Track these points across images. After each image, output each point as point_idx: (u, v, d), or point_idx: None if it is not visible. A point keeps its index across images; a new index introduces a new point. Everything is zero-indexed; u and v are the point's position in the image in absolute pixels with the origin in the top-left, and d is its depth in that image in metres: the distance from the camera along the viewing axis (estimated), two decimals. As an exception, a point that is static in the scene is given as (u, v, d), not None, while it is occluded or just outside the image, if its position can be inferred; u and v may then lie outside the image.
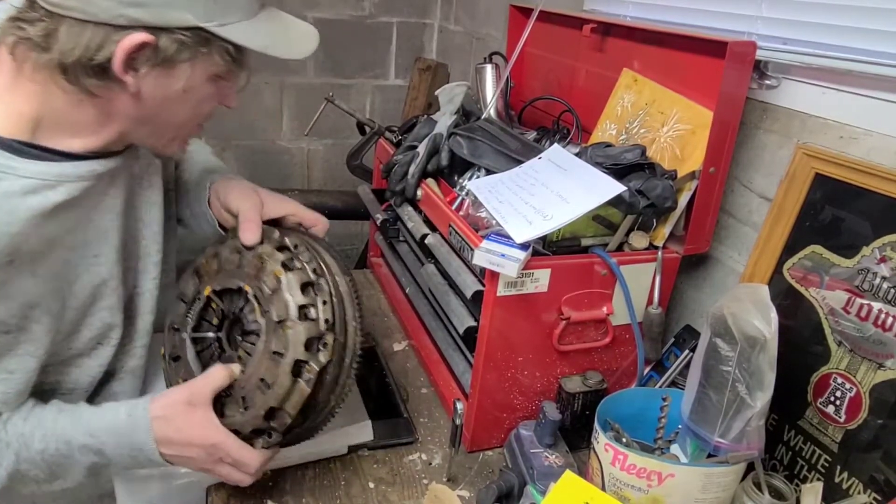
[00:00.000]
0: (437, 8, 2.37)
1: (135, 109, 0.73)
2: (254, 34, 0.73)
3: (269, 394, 0.79)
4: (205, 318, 0.89)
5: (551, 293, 0.95)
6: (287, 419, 0.79)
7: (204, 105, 0.80)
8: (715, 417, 0.82)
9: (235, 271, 0.86)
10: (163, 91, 0.72)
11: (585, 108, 1.28)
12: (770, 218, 0.97)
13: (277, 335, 0.80)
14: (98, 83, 0.68)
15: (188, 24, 0.68)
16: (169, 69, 0.70)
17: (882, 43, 0.86)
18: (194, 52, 0.70)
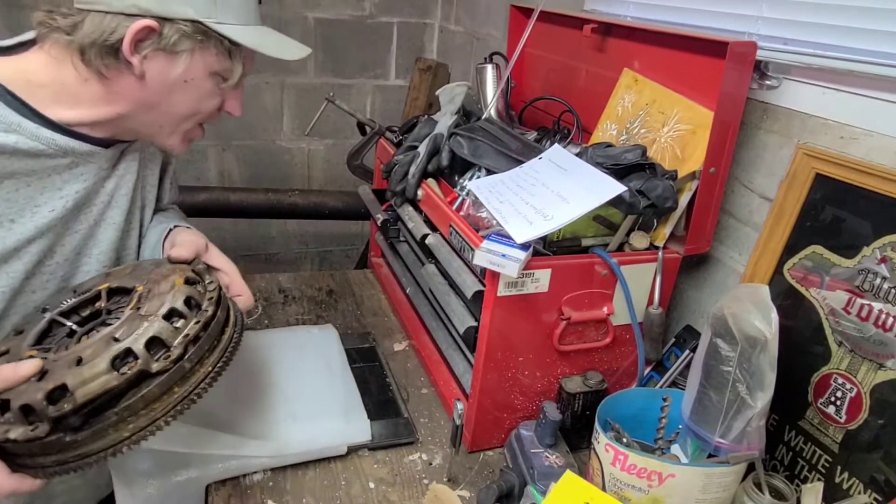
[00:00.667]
0: (437, 8, 2.37)
1: (139, 92, 0.81)
2: (247, 34, 0.83)
3: (73, 371, 0.68)
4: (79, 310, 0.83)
5: (552, 293, 0.95)
6: (67, 406, 0.67)
7: (205, 101, 0.87)
8: (715, 418, 0.82)
9: (141, 275, 0.83)
10: (164, 76, 0.81)
11: (586, 109, 1.28)
12: (770, 218, 0.97)
13: (131, 325, 0.73)
14: (108, 63, 0.78)
15: (189, 17, 0.78)
16: (171, 56, 0.80)
17: (882, 43, 0.86)
18: (193, 42, 0.80)
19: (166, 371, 0.72)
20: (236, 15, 0.83)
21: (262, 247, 2.51)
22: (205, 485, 0.93)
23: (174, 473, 0.91)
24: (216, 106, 0.89)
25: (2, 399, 0.68)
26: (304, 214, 2.08)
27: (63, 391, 0.67)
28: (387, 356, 1.28)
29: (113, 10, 0.76)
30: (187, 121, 0.88)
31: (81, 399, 0.67)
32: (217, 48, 0.82)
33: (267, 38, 0.87)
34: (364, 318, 1.43)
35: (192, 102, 0.86)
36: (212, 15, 0.80)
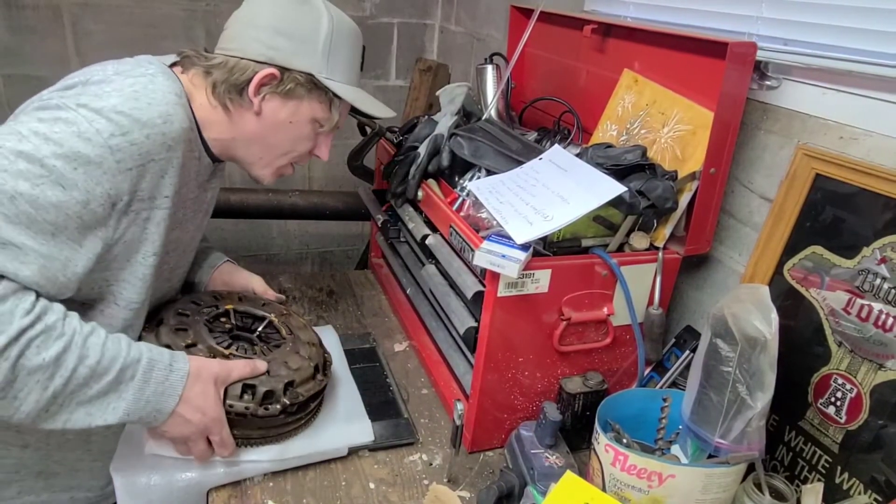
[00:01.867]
0: (437, 8, 2.37)
1: (251, 125, 0.96)
2: (349, 91, 0.98)
3: (291, 373, 0.95)
4: (216, 321, 1.04)
5: (552, 294, 0.95)
6: (297, 399, 0.94)
7: (301, 142, 1.00)
8: (715, 418, 0.82)
9: (258, 307, 1.10)
10: (275, 116, 0.95)
11: (586, 109, 1.28)
12: (770, 218, 0.97)
13: (303, 347, 1.03)
14: (233, 98, 0.93)
15: (305, 70, 0.93)
16: (284, 100, 0.94)
17: (882, 43, 0.86)
18: (304, 91, 0.94)
19: (326, 383, 1.04)
20: (342, 74, 0.97)
21: (262, 247, 2.51)
22: (206, 489, 0.93)
23: (176, 477, 0.91)
24: (309, 148, 1.02)
25: (250, 384, 0.91)
26: (305, 215, 2.08)
27: (290, 386, 0.94)
28: (387, 357, 1.28)
29: (246, 56, 0.92)
30: (282, 157, 1.01)
31: (305, 395, 0.96)
32: (322, 99, 0.97)
33: (363, 96, 1.01)
34: (364, 319, 1.43)
35: (290, 141, 0.99)
36: (323, 71, 0.94)
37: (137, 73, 0.85)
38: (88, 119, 0.77)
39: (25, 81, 1.93)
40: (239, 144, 0.98)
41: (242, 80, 0.92)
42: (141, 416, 0.82)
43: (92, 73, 0.85)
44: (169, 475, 0.91)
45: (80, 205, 0.76)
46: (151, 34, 2.00)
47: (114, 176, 0.78)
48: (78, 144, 0.75)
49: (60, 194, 0.75)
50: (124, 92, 0.81)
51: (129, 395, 0.79)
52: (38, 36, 1.90)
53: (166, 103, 0.84)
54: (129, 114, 0.79)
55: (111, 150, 0.77)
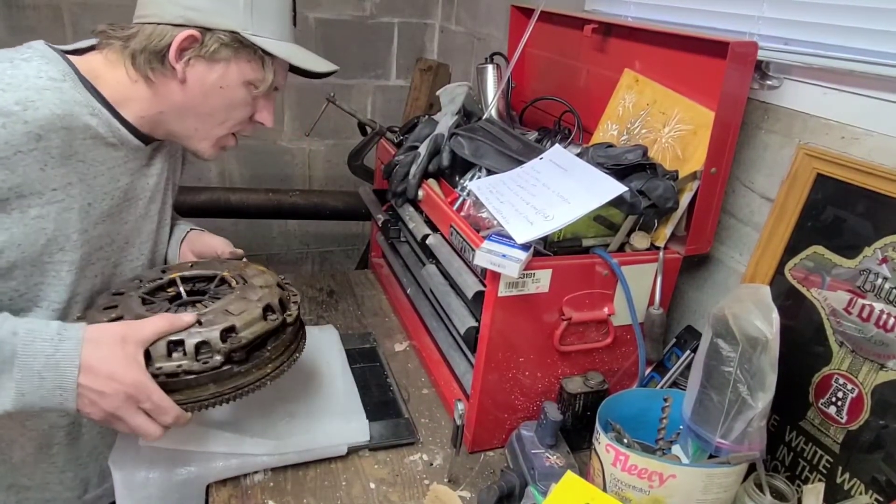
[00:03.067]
0: (438, 8, 2.37)
1: (179, 95, 0.90)
2: (280, 47, 0.91)
3: (232, 318, 0.84)
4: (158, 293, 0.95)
5: (552, 294, 0.95)
6: (238, 342, 0.82)
7: (237, 109, 0.94)
8: (716, 418, 0.82)
9: (212, 268, 0.99)
10: (202, 82, 0.89)
11: (587, 109, 1.28)
12: (771, 218, 0.97)
13: (253, 291, 0.91)
14: (154, 67, 0.87)
15: (228, 28, 0.87)
16: (210, 63, 0.88)
17: (883, 43, 0.86)
18: (230, 51, 0.88)
19: (293, 324, 0.92)
20: (271, 29, 0.90)
21: (262, 247, 2.51)
22: (205, 484, 0.93)
23: (174, 472, 0.91)
24: (247, 114, 0.96)
25: (175, 340, 0.80)
26: (305, 215, 2.08)
27: (230, 332, 0.83)
28: (387, 356, 1.28)
29: (163, 21, 0.86)
30: (219, 126, 0.95)
31: (248, 337, 0.83)
32: (251, 58, 0.90)
33: (298, 52, 0.94)
34: (365, 319, 1.43)
35: (224, 108, 0.93)
36: (248, 27, 0.88)
37: (3, 59, 0.80)
38: None
39: (26, 81, 1.93)
40: (170, 118, 0.92)
41: (161, 45, 0.85)
42: (43, 396, 0.74)
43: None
44: (167, 469, 0.90)
45: None
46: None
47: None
48: None
49: None
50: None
51: (16, 373, 0.72)
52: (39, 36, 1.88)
53: (27, 88, 0.78)
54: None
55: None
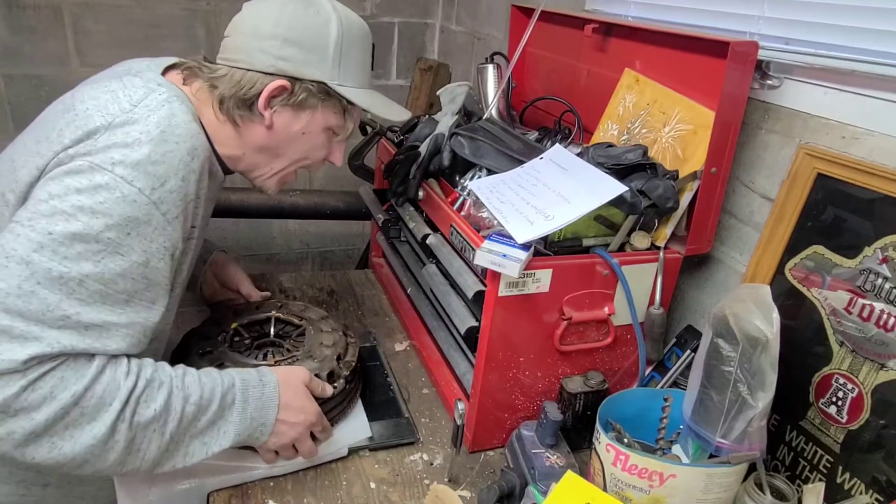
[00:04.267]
0: (438, 8, 2.37)
1: (263, 139, 0.92)
2: (361, 96, 0.94)
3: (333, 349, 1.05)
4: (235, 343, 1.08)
5: (553, 293, 0.95)
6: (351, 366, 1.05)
7: (314, 152, 0.98)
8: (717, 418, 0.82)
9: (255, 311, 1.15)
10: (288, 128, 0.92)
11: (587, 109, 1.28)
12: (772, 218, 0.97)
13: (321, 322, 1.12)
14: (242, 114, 0.89)
15: (316, 79, 0.90)
16: (296, 111, 0.91)
17: (884, 43, 0.86)
18: (317, 100, 0.91)
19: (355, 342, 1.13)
20: (354, 79, 0.93)
21: (263, 247, 2.51)
22: (206, 493, 0.93)
23: (176, 482, 0.91)
24: (323, 157, 1.00)
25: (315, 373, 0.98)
26: (305, 214, 2.08)
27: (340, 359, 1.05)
28: (388, 356, 1.28)
29: (253, 68, 0.88)
30: (293, 165, 0.98)
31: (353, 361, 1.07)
32: (335, 107, 0.93)
33: (377, 99, 0.98)
34: (365, 318, 1.43)
35: (304, 152, 0.96)
36: (334, 78, 0.91)
37: (155, 104, 0.81)
38: (128, 179, 0.75)
39: (26, 81, 1.93)
40: (249, 157, 0.95)
41: (251, 93, 0.88)
42: (249, 434, 0.86)
43: (104, 107, 0.80)
44: (170, 480, 0.90)
45: (142, 266, 0.77)
46: (152, 34, 2.00)
47: (164, 229, 0.78)
48: (125, 209, 0.74)
49: (122, 262, 0.75)
50: (152, 135, 0.77)
51: (234, 417, 0.84)
52: (39, 36, 1.90)
53: (190, 136, 0.81)
54: (162, 160, 0.77)
55: (155, 205, 0.77)
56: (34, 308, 0.70)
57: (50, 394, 0.70)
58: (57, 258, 0.71)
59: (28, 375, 0.69)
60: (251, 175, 0.99)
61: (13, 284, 0.69)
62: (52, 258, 0.71)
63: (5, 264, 0.70)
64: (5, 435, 0.69)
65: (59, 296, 0.71)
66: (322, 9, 0.89)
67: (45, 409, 0.69)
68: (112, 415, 0.73)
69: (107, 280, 0.74)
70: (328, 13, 0.89)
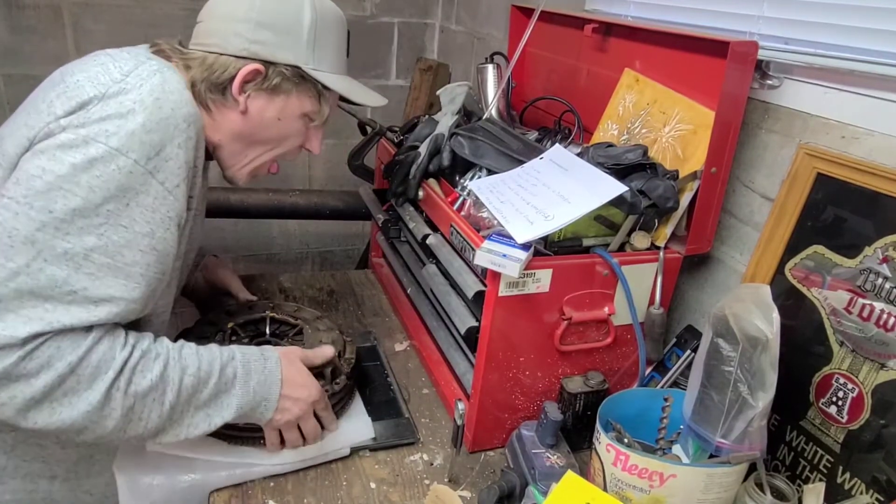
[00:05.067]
0: (438, 8, 2.37)
1: (237, 125, 0.90)
2: (338, 81, 0.93)
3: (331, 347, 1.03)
4: (233, 341, 1.08)
5: (553, 293, 0.95)
6: (352, 363, 1.08)
7: (290, 139, 0.96)
8: (717, 418, 0.82)
9: (249, 311, 1.16)
10: (262, 114, 0.90)
11: (587, 108, 1.28)
12: (772, 218, 0.97)
13: (318, 321, 1.15)
14: (215, 98, 0.88)
15: (290, 62, 0.88)
16: (270, 96, 0.90)
17: (884, 42, 0.86)
18: (291, 85, 0.90)
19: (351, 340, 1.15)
20: (329, 64, 0.92)
21: (263, 247, 2.51)
22: (208, 491, 0.93)
23: (178, 478, 0.91)
24: (298, 144, 0.98)
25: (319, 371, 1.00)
26: (305, 214, 2.07)
27: (340, 356, 1.07)
28: (388, 356, 1.28)
29: (226, 52, 0.87)
30: (268, 154, 0.97)
31: (353, 358, 1.10)
32: (310, 92, 0.92)
33: (353, 85, 0.97)
34: (365, 319, 1.43)
35: (279, 138, 0.95)
36: (309, 62, 0.90)
37: (146, 72, 0.80)
38: (122, 150, 0.74)
39: (25, 81, 1.93)
40: (226, 145, 0.93)
41: (224, 77, 0.87)
42: (253, 408, 0.87)
43: (96, 78, 0.79)
44: (172, 476, 0.91)
45: (147, 237, 0.77)
46: (152, 34, 1.98)
47: (164, 198, 0.78)
48: (122, 180, 0.74)
49: (126, 233, 0.75)
50: (146, 103, 0.76)
51: (237, 390, 0.85)
52: (39, 35, 1.90)
53: (185, 103, 0.80)
54: (157, 128, 0.76)
55: (152, 174, 0.76)
56: (43, 284, 0.71)
57: (47, 362, 0.71)
58: (60, 234, 0.72)
59: (25, 347, 0.70)
60: (227, 164, 0.96)
61: (21, 263, 0.70)
62: (56, 235, 0.71)
63: (10, 244, 0.71)
64: (7, 399, 0.71)
65: (67, 271, 0.72)
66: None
67: (42, 376, 0.71)
68: (106, 383, 0.74)
69: (112, 252, 0.74)
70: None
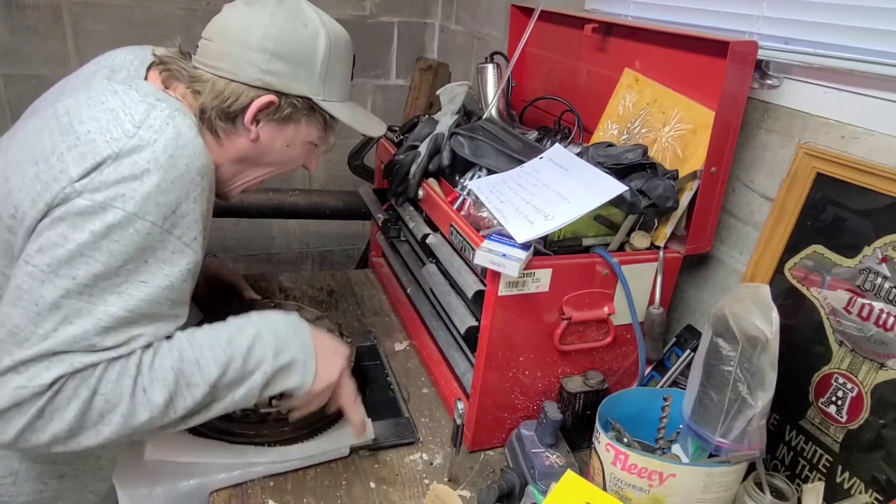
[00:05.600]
0: (438, 7, 2.37)
1: (245, 151, 0.90)
2: (344, 111, 0.93)
3: None
4: None
5: (552, 293, 0.95)
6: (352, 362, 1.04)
7: (293, 163, 0.97)
8: (716, 417, 0.82)
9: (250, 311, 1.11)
10: (272, 142, 0.90)
11: (587, 108, 1.28)
12: (771, 218, 0.97)
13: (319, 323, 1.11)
14: (225, 126, 0.87)
15: (302, 94, 0.88)
16: (280, 126, 0.89)
17: (884, 42, 0.86)
18: (301, 115, 0.90)
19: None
20: (337, 93, 0.92)
21: (262, 246, 2.51)
22: (208, 492, 0.93)
23: (178, 484, 0.91)
24: (299, 165, 0.98)
25: None
26: (305, 214, 2.08)
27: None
28: (388, 356, 1.28)
29: (238, 79, 0.84)
30: (266, 175, 0.96)
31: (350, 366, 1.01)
32: (318, 122, 0.93)
33: (357, 112, 0.97)
34: (365, 318, 1.43)
35: (283, 162, 0.95)
36: (319, 93, 0.89)
37: (159, 123, 0.78)
38: (140, 214, 0.73)
39: (25, 81, 1.93)
40: (226, 168, 0.92)
41: (236, 106, 0.85)
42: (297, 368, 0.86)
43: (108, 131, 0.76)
44: (171, 482, 0.91)
45: (167, 290, 0.77)
46: (151, 34, 2.00)
47: (182, 252, 0.78)
48: (140, 242, 0.74)
49: (146, 288, 0.75)
50: (160, 162, 0.75)
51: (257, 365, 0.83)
52: (39, 35, 1.90)
53: (199, 154, 0.78)
54: (172, 188, 0.75)
55: (169, 231, 0.76)
56: (63, 340, 0.72)
57: (74, 393, 0.73)
58: (84, 298, 0.73)
59: (52, 387, 0.72)
60: (223, 183, 0.94)
61: (49, 329, 0.72)
62: (80, 300, 0.73)
63: (37, 311, 0.72)
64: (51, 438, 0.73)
65: (87, 326, 0.73)
66: (311, 22, 0.87)
67: (72, 405, 0.72)
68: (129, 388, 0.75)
69: (132, 307, 0.75)
70: (317, 27, 0.87)
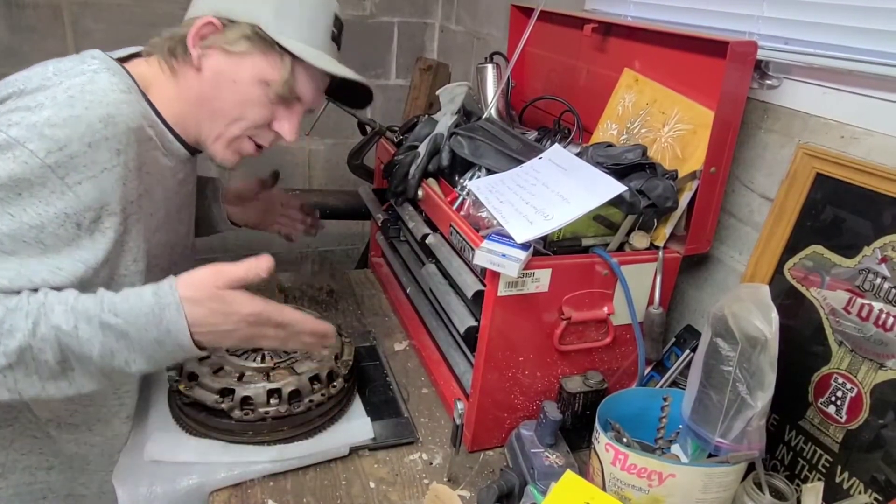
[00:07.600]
0: (438, 8, 2.37)
1: (195, 88, 0.88)
2: (305, 51, 0.87)
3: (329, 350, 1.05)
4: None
5: (552, 293, 0.95)
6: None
7: (250, 108, 0.90)
8: (716, 417, 0.82)
9: None
10: (216, 72, 0.87)
11: (586, 108, 1.28)
12: (771, 218, 0.97)
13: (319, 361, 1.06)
14: (178, 55, 0.87)
15: (249, 20, 0.86)
16: (226, 55, 0.87)
17: (883, 43, 0.86)
18: (248, 45, 0.86)
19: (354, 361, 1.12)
20: (299, 32, 0.88)
21: (262, 246, 2.50)
22: (208, 492, 0.93)
23: (177, 484, 0.91)
24: (263, 118, 0.92)
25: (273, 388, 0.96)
26: (305, 214, 2.07)
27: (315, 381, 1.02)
28: (387, 356, 1.28)
29: (197, 14, 0.88)
30: (233, 125, 0.91)
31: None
32: (268, 55, 0.88)
33: (321, 57, 0.89)
34: (364, 318, 1.43)
35: (237, 104, 0.90)
36: (271, 26, 0.86)
37: (76, 73, 0.78)
38: (21, 140, 0.72)
39: (25, 80, 1.93)
40: (189, 113, 0.90)
41: (183, 33, 0.87)
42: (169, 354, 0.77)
43: (31, 76, 0.79)
44: (170, 482, 0.91)
45: (35, 230, 0.73)
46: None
47: (63, 194, 0.74)
48: (15, 169, 0.72)
49: (11, 222, 0.72)
50: (58, 99, 0.75)
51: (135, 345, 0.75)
52: (38, 35, 1.90)
53: (107, 104, 0.77)
54: (63, 125, 0.73)
55: (51, 168, 0.73)
56: None
57: None
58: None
59: None
60: (202, 139, 0.93)
61: None
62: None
63: None
64: None
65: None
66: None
67: None
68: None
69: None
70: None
